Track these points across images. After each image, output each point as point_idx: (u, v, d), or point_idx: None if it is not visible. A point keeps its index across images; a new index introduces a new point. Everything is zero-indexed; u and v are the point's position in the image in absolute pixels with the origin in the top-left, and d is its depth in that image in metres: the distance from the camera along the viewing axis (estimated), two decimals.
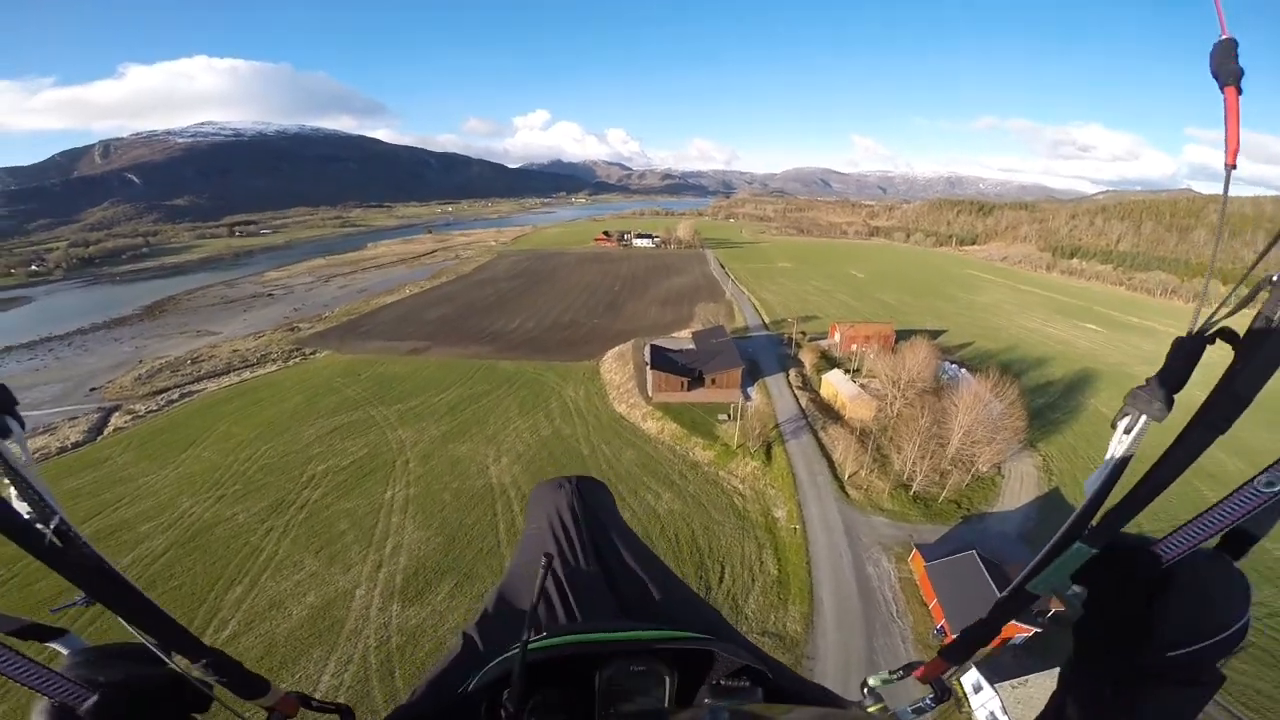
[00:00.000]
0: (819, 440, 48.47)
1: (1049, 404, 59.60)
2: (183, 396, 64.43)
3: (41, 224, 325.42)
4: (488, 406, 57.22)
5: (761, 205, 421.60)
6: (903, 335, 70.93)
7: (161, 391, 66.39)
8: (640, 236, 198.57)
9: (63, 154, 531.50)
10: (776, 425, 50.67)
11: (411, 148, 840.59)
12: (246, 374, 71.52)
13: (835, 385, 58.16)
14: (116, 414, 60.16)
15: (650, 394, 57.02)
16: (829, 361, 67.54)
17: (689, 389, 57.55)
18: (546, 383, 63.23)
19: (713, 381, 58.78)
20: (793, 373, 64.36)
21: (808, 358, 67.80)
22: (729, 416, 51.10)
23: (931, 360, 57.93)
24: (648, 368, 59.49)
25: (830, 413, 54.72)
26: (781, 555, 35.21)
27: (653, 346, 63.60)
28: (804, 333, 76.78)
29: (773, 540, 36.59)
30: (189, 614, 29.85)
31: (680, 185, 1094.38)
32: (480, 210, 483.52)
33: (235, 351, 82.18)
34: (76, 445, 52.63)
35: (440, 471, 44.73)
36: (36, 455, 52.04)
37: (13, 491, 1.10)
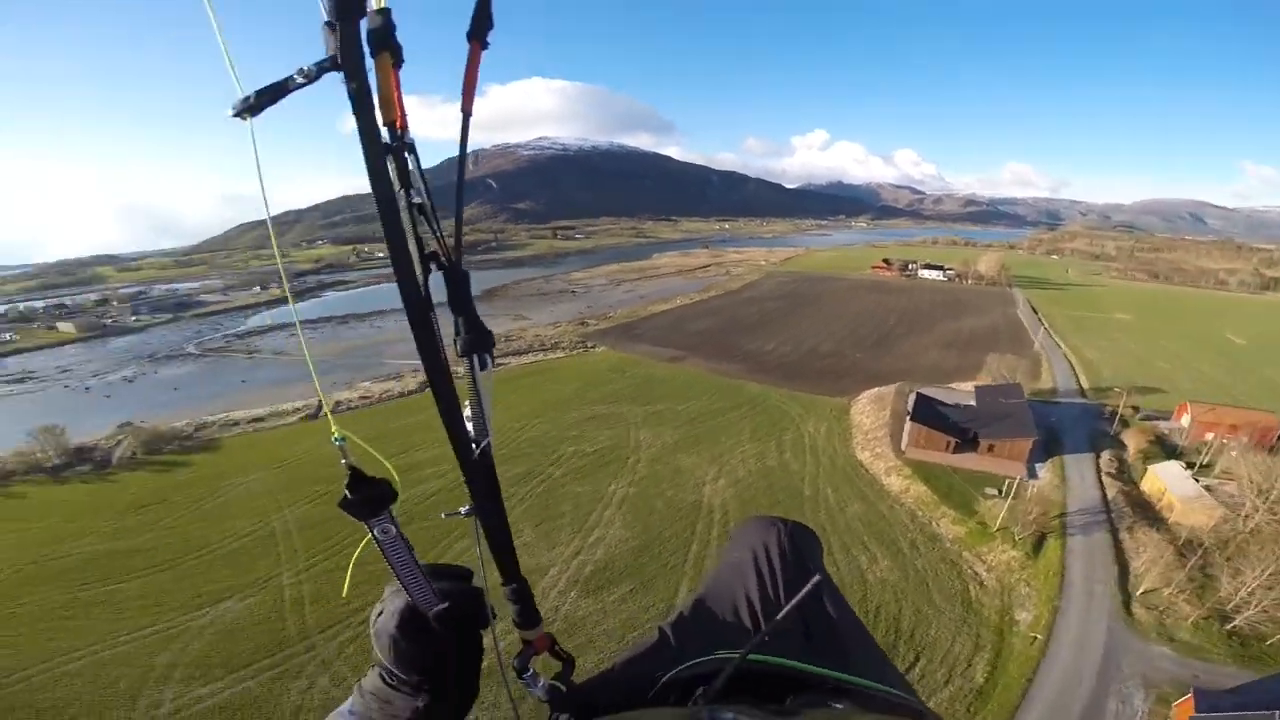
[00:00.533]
0: (1116, 541, 37.87)
1: None
2: (494, 367, 79.64)
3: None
4: (723, 424, 57.09)
5: (1098, 240, 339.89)
6: None
7: None
8: (928, 267, 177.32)
9: (449, 160, 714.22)
10: (1062, 514, 40.36)
11: (697, 165, 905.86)
12: (540, 356, 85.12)
13: (1165, 480, 43.53)
14: None
15: (903, 447, 49.75)
16: (1164, 449, 50.80)
17: (955, 450, 48.51)
18: (788, 413, 60.25)
19: (990, 448, 48.53)
20: (1106, 455, 49.48)
21: (1134, 440, 51.65)
22: (1000, 492, 41.49)
23: None
24: (907, 418, 52.09)
25: (1146, 512, 41.60)
26: (1000, 664, 28.57)
27: (919, 395, 55.36)
28: (1135, 408, 58.78)
29: (997, 644, 29.80)
30: (423, 551, 34.44)
31: (988, 213, 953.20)
32: (755, 229, 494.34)
33: (537, 336, 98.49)
34: (411, 393, 68.93)
35: (661, 477, 46.07)
36: (385, 396, 70.21)
37: (468, 410, 1.37)
